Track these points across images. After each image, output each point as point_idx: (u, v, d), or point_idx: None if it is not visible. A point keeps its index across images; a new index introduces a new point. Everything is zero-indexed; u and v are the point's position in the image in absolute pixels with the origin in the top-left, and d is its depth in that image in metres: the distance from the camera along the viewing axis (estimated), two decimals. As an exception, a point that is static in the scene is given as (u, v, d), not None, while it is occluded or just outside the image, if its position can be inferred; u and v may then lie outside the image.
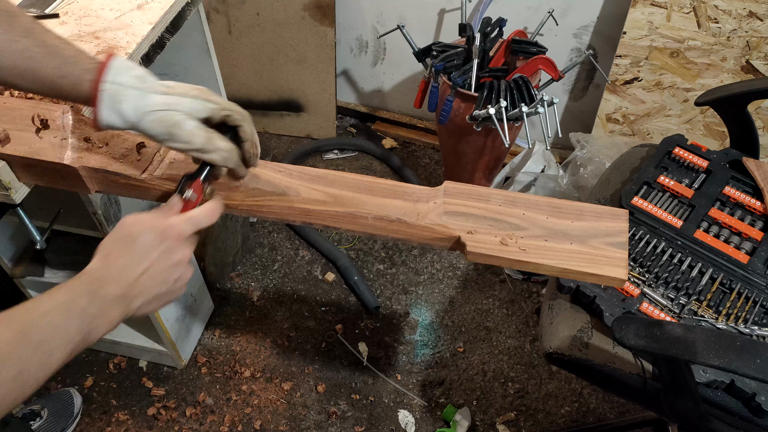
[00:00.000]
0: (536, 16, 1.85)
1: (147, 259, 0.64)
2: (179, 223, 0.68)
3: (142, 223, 0.66)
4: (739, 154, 1.27)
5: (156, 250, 0.65)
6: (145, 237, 0.65)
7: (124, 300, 0.63)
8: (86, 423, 1.56)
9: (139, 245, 0.64)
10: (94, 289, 0.61)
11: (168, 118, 0.69)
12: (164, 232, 0.66)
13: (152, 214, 0.68)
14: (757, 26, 1.62)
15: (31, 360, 0.55)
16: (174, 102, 0.69)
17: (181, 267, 0.68)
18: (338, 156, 2.25)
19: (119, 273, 0.63)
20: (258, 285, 1.86)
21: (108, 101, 0.69)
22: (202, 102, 0.70)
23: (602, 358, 1.03)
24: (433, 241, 0.85)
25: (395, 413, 1.60)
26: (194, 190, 0.73)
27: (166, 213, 0.69)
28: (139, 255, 0.64)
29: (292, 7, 1.96)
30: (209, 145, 0.71)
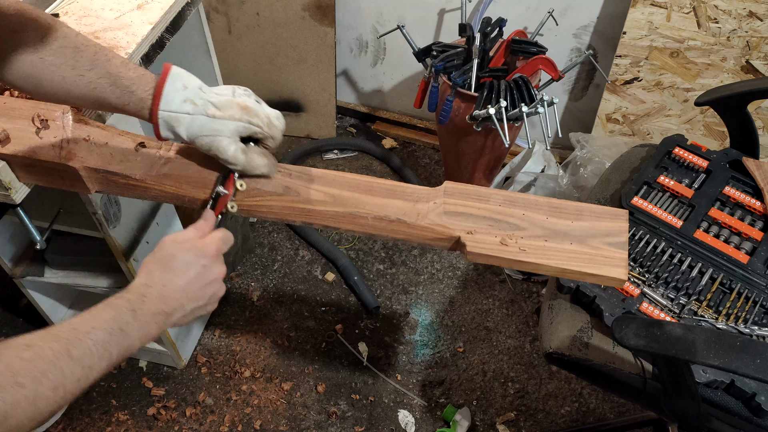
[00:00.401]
0: (536, 16, 1.85)
1: (186, 276, 0.70)
2: (214, 241, 0.75)
3: (182, 242, 0.72)
4: (739, 154, 1.27)
5: (194, 269, 0.71)
6: (185, 256, 0.71)
7: (162, 315, 0.68)
8: (86, 423, 1.56)
9: (178, 263, 0.70)
10: (137, 307, 0.66)
11: (215, 144, 0.78)
12: (202, 250, 0.72)
13: (190, 231, 0.75)
14: (757, 26, 1.62)
15: (71, 374, 0.58)
16: (220, 128, 0.78)
17: (216, 284, 0.74)
18: (338, 156, 2.25)
19: (160, 290, 0.68)
20: (258, 285, 1.86)
21: (164, 126, 0.78)
22: (244, 126, 0.78)
23: (602, 358, 1.03)
24: (433, 241, 0.85)
25: (395, 413, 1.60)
26: (227, 187, 0.82)
27: (202, 229, 0.76)
28: (178, 273, 0.70)
29: (292, 7, 1.96)
30: (249, 165, 0.81)
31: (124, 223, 1.24)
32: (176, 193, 0.86)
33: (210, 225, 0.78)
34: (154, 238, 1.35)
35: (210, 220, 0.79)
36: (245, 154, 0.80)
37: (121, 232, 1.23)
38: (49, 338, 0.59)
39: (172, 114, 0.77)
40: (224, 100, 0.78)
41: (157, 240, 1.37)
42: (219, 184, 0.83)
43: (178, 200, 0.87)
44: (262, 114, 0.80)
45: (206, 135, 0.78)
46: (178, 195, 0.86)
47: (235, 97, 0.79)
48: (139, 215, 1.30)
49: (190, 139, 0.79)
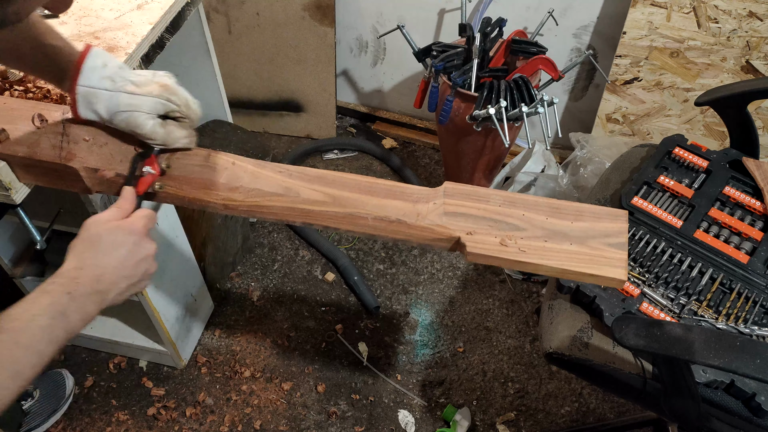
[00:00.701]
0: (536, 16, 1.85)
1: (116, 255, 0.71)
2: (140, 219, 0.75)
3: (107, 222, 0.73)
4: (739, 154, 1.27)
5: (124, 247, 0.72)
6: (112, 235, 0.72)
7: (98, 295, 0.69)
8: (86, 423, 1.56)
9: (107, 243, 0.71)
10: (72, 290, 0.67)
11: (132, 120, 0.79)
12: (129, 228, 0.73)
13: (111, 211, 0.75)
14: (757, 26, 1.62)
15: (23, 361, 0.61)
16: (138, 103, 0.78)
17: (148, 260, 0.75)
18: (338, 156, 2.25)
19: (92, 271, 0.69)
20: (258, 285, 1.86)
21: (83, 101, 0.79)
22: (162, 102, 0.80)
23: (602, 358, 1.03)
24: (433, 242, 0.85)
25: (395, 413, 1.60)
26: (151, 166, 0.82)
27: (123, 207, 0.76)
28: (108, 252, 0.71)
29: (292, 7, 1.96)
30: (169, 138, 0.82)
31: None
32: (176, 194, 0.86)
33: (130, 203, 0.78)
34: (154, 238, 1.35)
35: (129, 198, 0.78)
36: (164, 128, 0.81)
37: (121, 232, 1.22)
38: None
39: (91, 89, 0.78)
40: (143, 79, 0.80)
41: (158, 240, 1.38)
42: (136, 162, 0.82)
43: (178, 200, 0.87)
44: (181, 93, 0.81)
45: (124, 111, 0.78)
46: (178, 195, 0.86)
47: (155, 77, 0.81)
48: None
49: (109, 116, 0.80)
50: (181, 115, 0.82)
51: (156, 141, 0.82)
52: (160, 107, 0.80)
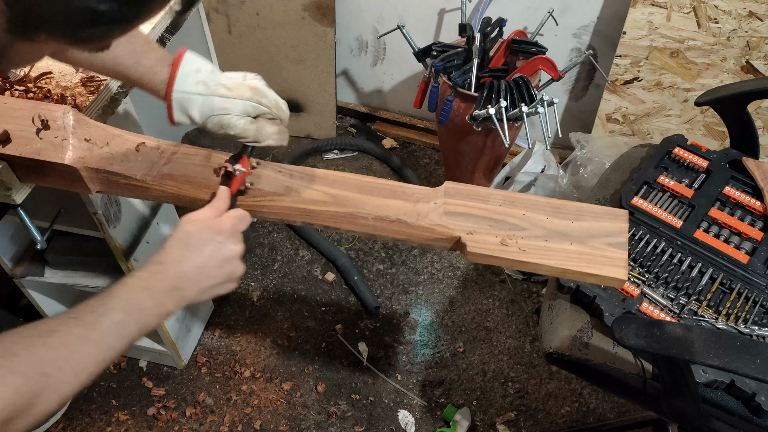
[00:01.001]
0: (536, 16, 1.85)
1: (201, 254, 0.71)
2: (230, 219, 0.75)
3: (197, 221, 0.73)
4: (739, 154, 1.27)
5: (209, 246, 0.71)
6: (200, 234, 0.72)
7: (177, 292, 0.69)
8: (86, 423, 1.56)
9: (194, 241, 0.71)
10: (151, 285, 0.67)
11: (225, 121, 0.80)
12: (217, 228, 0.73)
13: (206, 210, 0.75)
14: (757, 26, 1.62)
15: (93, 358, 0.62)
16: (230, 106, 0.80)
17: (233, 262, 0.74)
18: (338, 156, 2.25)
19: (175, 267, 0.69)
20: (258, 285, 1.86)
21: (177, 107, 0.82)
22: (253, 105, 0.81)
23: (602, 358, 1.03)
24: (433, 242, 0.85)
25: (395, 413, 1.60)
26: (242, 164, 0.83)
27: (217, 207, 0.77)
28: (193, 250, 0.71)
29: (292, 7, 1.96)
30: (260, 135, 0.82)
31: (124, 223, 1.24)
32: (176, 193, 0.86)
33: (224, 203, 0.78)
34: (154, 238, 1.35)
35: (224, 197, 0.79)
36: (254, 124, 0.82)
37: (121, 232, 1.23)
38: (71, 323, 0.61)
39: (185, 95, 0.80)
40: (235, 83, 0.81)
41: (157, 240, 1.38)
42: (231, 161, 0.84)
43: (179, 200, 0.87)
44: (270, 96, 0.83)
45: (217, 114, 0.80)
46: (179, 195, 0.86)
47: (246, 80, 0.83)
48: (139, 215, 1.30)
49: (202, 119, 0.81)
50: (271, 116, 0.83)
51: (248, 139, 0.82)
52: (251, 109, 0.81)
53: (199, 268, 0.70)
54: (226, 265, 0.73)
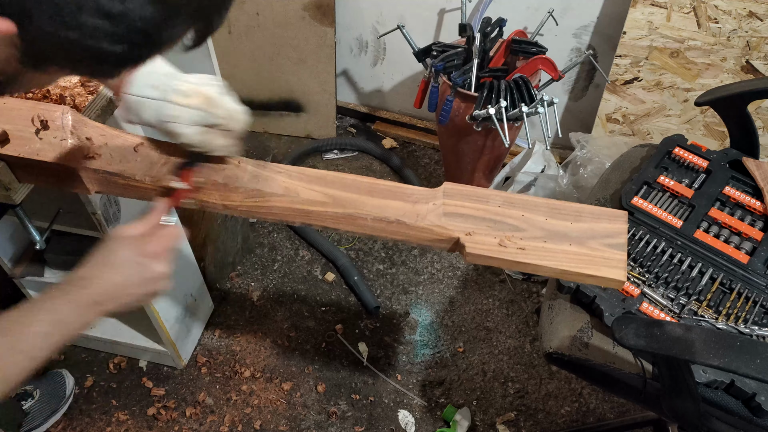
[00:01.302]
0: (536, 16, 1.85)
1: (121, 273, 0.72)
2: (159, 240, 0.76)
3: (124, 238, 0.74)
4: (739, 154, 1.27)
5: (131, 267, 0.73)
6: (123, 253, 0.73)
7: (98, 306, 0.71)
8: (86, 423, 1.57)
9: (117, 259, 0.73)
10: (74, 298, 0.69)
11: (173, 129, 0.79)
12: (143, 249, 0.74)
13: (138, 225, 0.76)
14: (757, 26, 1.62)
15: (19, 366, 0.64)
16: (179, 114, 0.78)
17: (155, 282, 0.75)
18: (338, 156, 2.25)
19: (96, 284, 0.71)
20: (258, 285, 1.86)
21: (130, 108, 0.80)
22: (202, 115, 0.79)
23: (602, 358, 1.03)
24: (432, 243, 0.85)
25: (395, 413, 1.60)
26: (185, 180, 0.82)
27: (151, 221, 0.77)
28: (115, 268, 0.72)
29: (292, 7, 1.96)
30: (209, 146, 0.81)
31: (124, 223, 1.23)
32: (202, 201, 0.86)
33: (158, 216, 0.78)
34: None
35: (160, 210, 0.79)
36: (203, 135, 0.80)
37: (121, 232, 1.23)
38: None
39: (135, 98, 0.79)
40: (189, 88, 0.79)
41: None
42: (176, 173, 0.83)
43: (178, 201, 0.87)
44: (225, 106, 0.81)
45: (166, 121, 0.79)
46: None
47: (201, 85, 0.80)
48: (139, 215, 1.30)
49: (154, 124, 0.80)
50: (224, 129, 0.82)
51: (195, 148, 0.82)
52: (200, 120, 0.80)
53: (119, 287, 0.72)
54: (148, 284, 0.75)
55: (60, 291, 0.70)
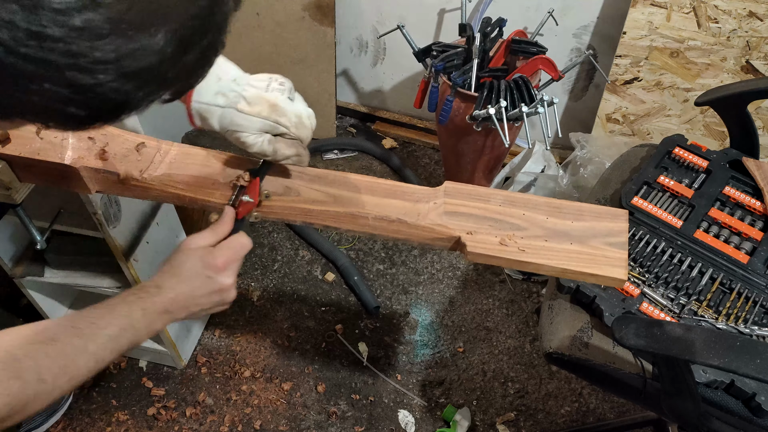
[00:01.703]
0: (536, 16, 1.85)
1: (191, 284, 0.74)
2: (225, 252, 0.77)
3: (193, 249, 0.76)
4: (739, 154, 1.27)
5: (199, 279, 0.74)
6: (193, 265, 0.74)
7: (168, 314, 0.73)
8: (86, 423, 1.56)
9: (186, 271, 0.74)
10: (147, 306, 0.71)
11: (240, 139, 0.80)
12: (209, 262, 0.75)
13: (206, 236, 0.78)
14: (757, 26, 1.62)
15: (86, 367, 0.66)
16: (246, 124, 0.79)
17: (221, 293, 0.77)
18: (338, 156, 2.25)
19: (167, 294, 0.73)
20: (258, 285, 1.86)
21: (197, 116, 0.80)
22: (270, 125, 0.80)
23: (602, 358, 1.03)
24: (433, 242, 0.85)
25: (395, 413, 1.60)
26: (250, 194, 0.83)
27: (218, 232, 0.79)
28: (184, 280, 0.74)
29: (292, 7, 1.96)
30: (278, 155, 0.82)
31: (124, 223, 1.24)
32: (176, 193, 0.86)
33: (227, 226, 0.80)
34: (154, 238, 1.35)
35: (227, 221, 0.80)
36: (272, 145, 0.81)
37: (121, 232, 1.23)
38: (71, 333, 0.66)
39: (204, 106, 0.79)
40: (255, 95, 0.79)
41: (158, 240, 1.38)
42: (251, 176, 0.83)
43: (178, 200, 0.87)
44: (290, 114, 0.81)
45: (234, 130, 0.80)
46: (178, 195, 0.86)
47: (268, 91, 0.79)
48: (139, 215, 1.30)
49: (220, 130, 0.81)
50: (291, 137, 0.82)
51: (266, 156, 0.82)
52: (268, 128, 0.80)
53: (189, 297, 0.74)
54: (215, 295, 0.76)
55: (134, 296, 0.71)
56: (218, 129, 0.81)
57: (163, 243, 1.40)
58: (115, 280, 1.38)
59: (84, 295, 1.67)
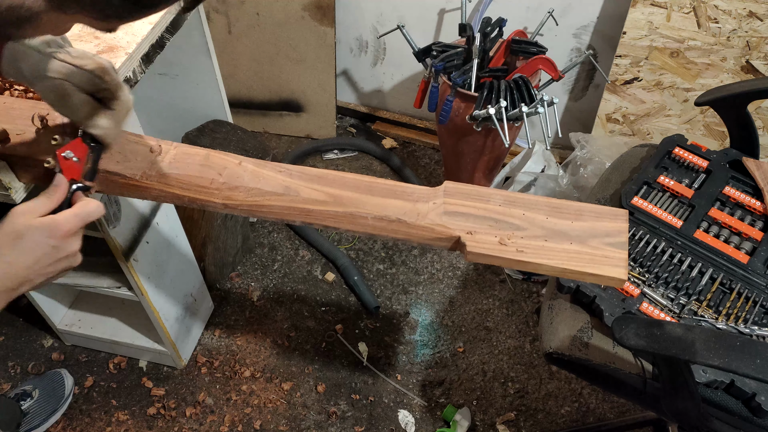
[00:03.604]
0: (536, 16, 1.85)
1: (34, 256, 0.69)
2: (67, 220, 0.71)
3: (31, 219, 0.69)
4: (739, 154, 1.27)
5: (42, 249, 0.69)
6: (33, 235, 0.69)
7: (11, 292, 0.68)
8: (86, 423, 1.56)
9: (26, 243, 0.68)
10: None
11: (60, 88, 0.74)
12: (52, 231, 0.70)
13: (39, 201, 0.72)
14: (757, 26, 1.62)
15: None
16: (67, 72, 0.73)
17: (68, 259, 0.72)
18: (338, 156, 2.25)
19: (5, 269, 0.67)
20: (258, 285, 1.86)
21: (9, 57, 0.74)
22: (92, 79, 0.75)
23: (602, 358, 1.03)
24: (432, 241, 0.85)
25: (395, 413, 1.60)
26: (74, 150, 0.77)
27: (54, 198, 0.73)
28: (24, 252, 0.68)
29: (292, 7, 1.96)
30: (92, 120, 0.77)
31: (124, 223, 1.23)
32: (176, 193, 0.86)
33: (62, 191, 0.74)
34: (154, 238, 1.35)
35: (62, 187, 0.75)
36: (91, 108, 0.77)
37: (121, 232, 1.23)
38: None
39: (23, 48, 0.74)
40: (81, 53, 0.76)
41: (158, 240, 1.38)
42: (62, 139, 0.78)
43: (178, 200, 0.87)
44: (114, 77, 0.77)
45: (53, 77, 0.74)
46: (178, 195, 0.86)
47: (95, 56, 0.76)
48: (139, 215, 1.30)
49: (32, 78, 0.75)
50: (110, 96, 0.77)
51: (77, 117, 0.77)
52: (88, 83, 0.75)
53: (31, 269, 0.69)
54: (61, 263, 0.72)
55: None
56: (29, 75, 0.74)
57: (163, 243, 1.40)
58: (115, 280, 1.38)
59: (84, 295, 1.67)
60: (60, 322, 1.63)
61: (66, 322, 1.64)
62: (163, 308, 1.45)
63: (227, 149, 1.29)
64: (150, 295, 1.37)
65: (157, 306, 1.42)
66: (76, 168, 0.78)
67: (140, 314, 1.47)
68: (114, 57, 1.06)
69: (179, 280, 1.52)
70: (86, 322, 1.63)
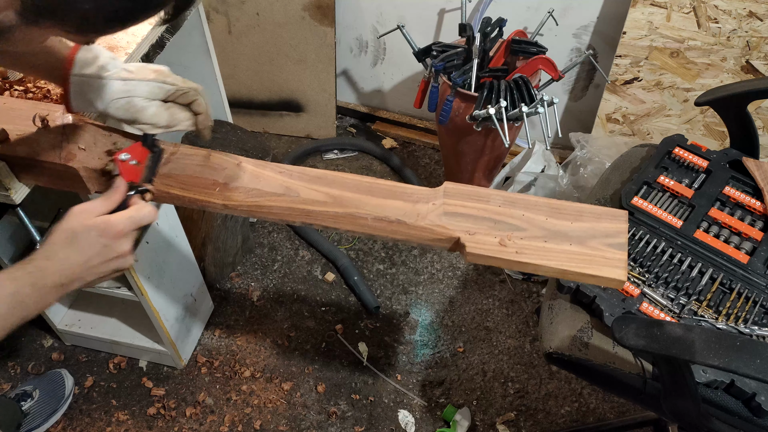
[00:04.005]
0: (536, 16, 1.85)
1: (86, 254, 0.71)
2: (120, 221, 0.74)
3: (86, 219, 0.72)
4: (739, 154, 1.27)
5: (94, 248, 0.72)
6: (87, 234, 0.71)
7: (61, 288, 0.71)
8: (86, 423, 1.56)
9: (80, 241, 0.71)
10: (36, 280, 0.68)
11: (131, 106, 0.76)
12: (104, 230, 0.72)
13: (98, 202, 0.74)
14: (757, 26, 1.62)
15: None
16: (132, 89, 0.76)
17: (119, 260, 0.75)
18: (338, 156, 2.25)
19: (60, 265, 0.70)
20: (258, 285, 1.86)
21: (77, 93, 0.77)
22: (158, 85, 0.77)
23: (602, 358, 1.03)
24: (432, 242, 0.85)
25: (395, 413, 1.60)
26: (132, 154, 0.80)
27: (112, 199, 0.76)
28: (78, 250, 0.71)
29: (292, 7, 1.96)
30: (173, 120, 0.80)
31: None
32: (176, 194, 0.86)
33: (120, 194, 0.77)
34: (154, 238, 1.35)
35: (121, 189, 0.77)
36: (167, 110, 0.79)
37: (121, 232, 1.22)
38: None
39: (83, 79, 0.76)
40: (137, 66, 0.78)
41: (158, 240, 1.38)
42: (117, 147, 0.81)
43: (178, 200, 0.87)
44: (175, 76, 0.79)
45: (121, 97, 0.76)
46: (178, 195, 0.86)
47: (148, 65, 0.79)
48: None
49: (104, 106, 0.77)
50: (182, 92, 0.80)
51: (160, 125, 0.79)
52: (157, 90, 0.78)
53: (83, 267, 0.71)
54: (112, 263, 0.74)
55: (23, 272, 0.68)
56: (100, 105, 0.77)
57: (163, 243, 1.40)
58: (115, 279, 1.38)
59: (84, 295, 1.67)
60: (60, 322, 1.63)
61: (66, 322, 1.64)
62: (163, 308, 1.45)
63: (227, 149, 1.28)
64: (150, 295, 1.38)
65: (157, 306, 1.42)
66: (135, 171, 0.80)
67: (140, 314, 1.47)
68: (114, 57, 1.06)
69: (179, 280, 1.52)
70: (86, 322, 1.63)
